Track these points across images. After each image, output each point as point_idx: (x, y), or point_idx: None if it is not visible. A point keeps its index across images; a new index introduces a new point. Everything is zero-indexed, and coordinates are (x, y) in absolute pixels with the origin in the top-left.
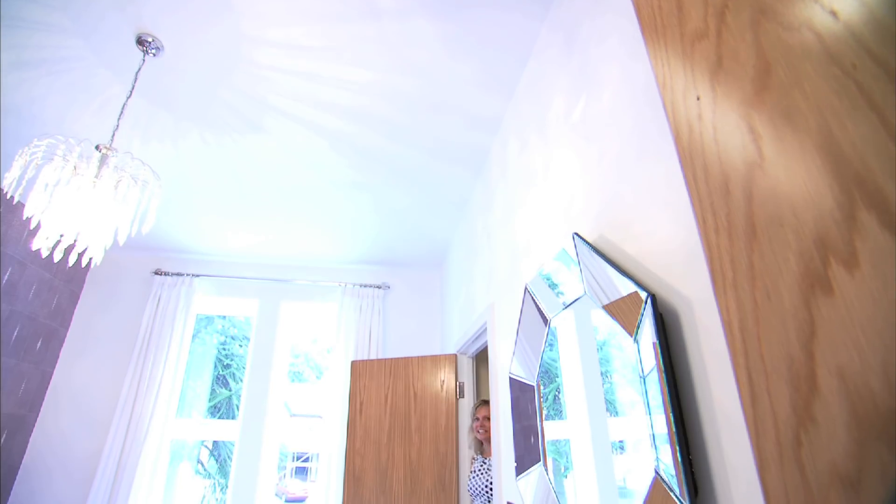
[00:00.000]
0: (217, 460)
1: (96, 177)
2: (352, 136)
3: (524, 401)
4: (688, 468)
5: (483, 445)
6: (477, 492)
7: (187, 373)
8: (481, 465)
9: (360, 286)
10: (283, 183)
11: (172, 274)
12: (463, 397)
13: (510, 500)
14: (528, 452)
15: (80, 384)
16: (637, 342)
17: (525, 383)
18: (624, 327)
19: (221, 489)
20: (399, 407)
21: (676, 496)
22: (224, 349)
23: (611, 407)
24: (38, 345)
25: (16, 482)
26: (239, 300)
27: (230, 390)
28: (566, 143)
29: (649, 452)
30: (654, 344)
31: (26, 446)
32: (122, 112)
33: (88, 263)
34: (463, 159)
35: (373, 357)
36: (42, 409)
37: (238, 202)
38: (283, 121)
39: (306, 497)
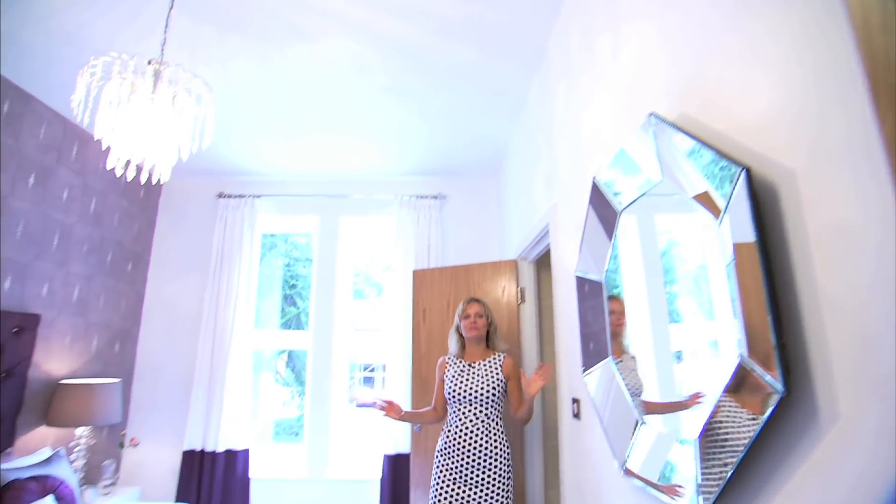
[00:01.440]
0: (293, 370)
1: (153, 93)
2: (398, 35)
3: (590, 298)
4: (781, 350)
5: (466, 349)
6: (466, 397)
7: (259, 291)
8: (468, 368)
9: (416, 197)
10: (331, 94)
11: (235, 196)
12: (524, 302)
13: (574, 396)
14: (593, 349)
15: (168, 300)
16: (723, 224)
17: (592, 280)
18: (709, 209)
19: (299, 395)
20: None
21: (766, 379)
22: (289, 270)
23: (674, 316)
24: (129, 267)
25: (133, 383)
26: (300, 217)
27: (298, 308)
28: (639, 15)
29: (732, 337)
30: (748, 223)
31: (136, 355)
32: (167, 24)
33: (159, 188)
34: (518, 53)
35: (432, 267)
36: (142, 322)
37: (290, 119)
38: (327, 24)
39: (375, 403)
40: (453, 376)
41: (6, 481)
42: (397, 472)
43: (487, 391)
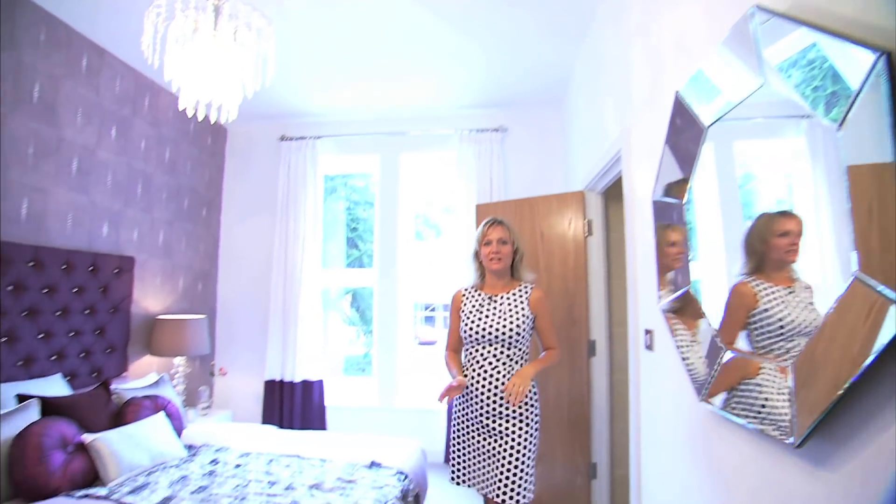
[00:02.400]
0: (357, 311)
1: (214, 29)
2: None
3: (667, 225)
4: None
5: (486, 280)
6: (487, 337)
7: (324, 233)
8: (489, 303)
9: (477, 131)
10: (386, 25)
11: (296, 138)
12: (591, 235)
13: (647, 328)
14: (672, 279)
15: (241, 242)
16: (844, 125)
17: (671, 203)
18: (824, 108)
19: (365, 333)
20: (526, 246)
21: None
22: (349, 214)
23: None
24: (204, 212)
25: (217, 319)
26: (360, 157)
27: (360, 251)
28: None
29: (826, 267)
30: (885, 118)
31: (216, 293)
32: None
33: (225, 135)
34: None
35: (495, 201)
36: (219, 263)
37: (347, 56)
38: None
39: (436, 341)
40: (472, 312)
41: (126, 399)
42: None
43: (512, 329)
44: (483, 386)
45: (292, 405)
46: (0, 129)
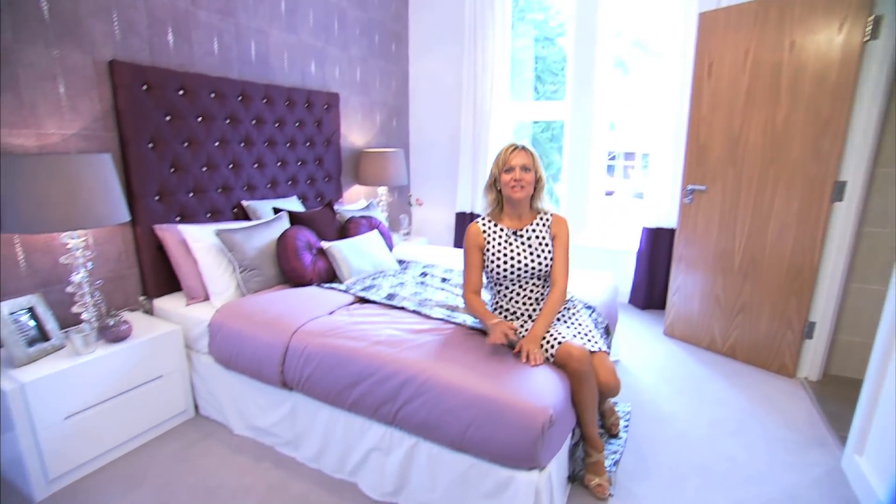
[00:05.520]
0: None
1: None
2: None
3: None
4: None
5: (504, 212)
6: (522, 275)
7: (512, 70)
8: (513, 239)
9: None
10: None
11: None
12: (875, 39)
13: None
14: None
15: (430, 76)
16: None
17: None
18: None
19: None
20: (764, 63)
21: None
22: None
23: None
24: (393, 47)
25: (410, 153)
26: None
27: (538, 93)
28: None
29: None
30: None
31: (409, 128)
32: None
33: None
34: None
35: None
36: (410, 99)
37: None
38: None
39: (613, 191)
40: (499, 250)
41: (347, 217)
42: (657, 245)
43: (546, 265)
44: (525, 321)
45: None
46: None
